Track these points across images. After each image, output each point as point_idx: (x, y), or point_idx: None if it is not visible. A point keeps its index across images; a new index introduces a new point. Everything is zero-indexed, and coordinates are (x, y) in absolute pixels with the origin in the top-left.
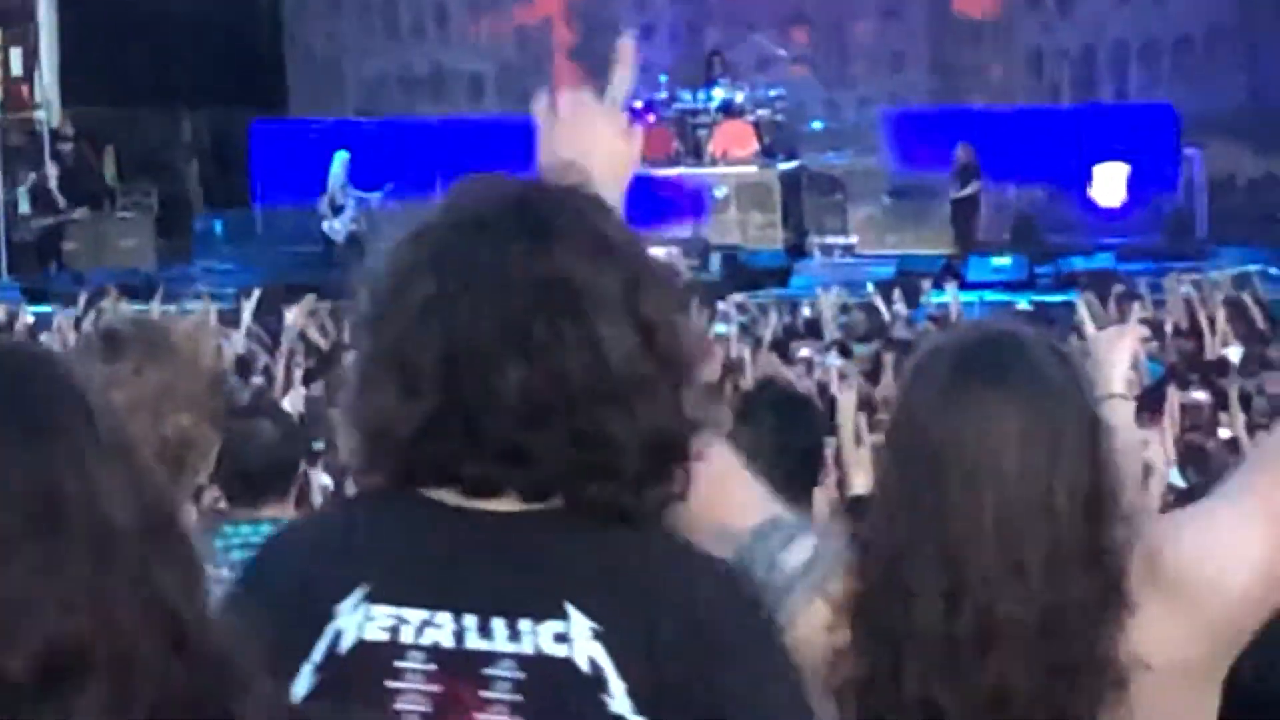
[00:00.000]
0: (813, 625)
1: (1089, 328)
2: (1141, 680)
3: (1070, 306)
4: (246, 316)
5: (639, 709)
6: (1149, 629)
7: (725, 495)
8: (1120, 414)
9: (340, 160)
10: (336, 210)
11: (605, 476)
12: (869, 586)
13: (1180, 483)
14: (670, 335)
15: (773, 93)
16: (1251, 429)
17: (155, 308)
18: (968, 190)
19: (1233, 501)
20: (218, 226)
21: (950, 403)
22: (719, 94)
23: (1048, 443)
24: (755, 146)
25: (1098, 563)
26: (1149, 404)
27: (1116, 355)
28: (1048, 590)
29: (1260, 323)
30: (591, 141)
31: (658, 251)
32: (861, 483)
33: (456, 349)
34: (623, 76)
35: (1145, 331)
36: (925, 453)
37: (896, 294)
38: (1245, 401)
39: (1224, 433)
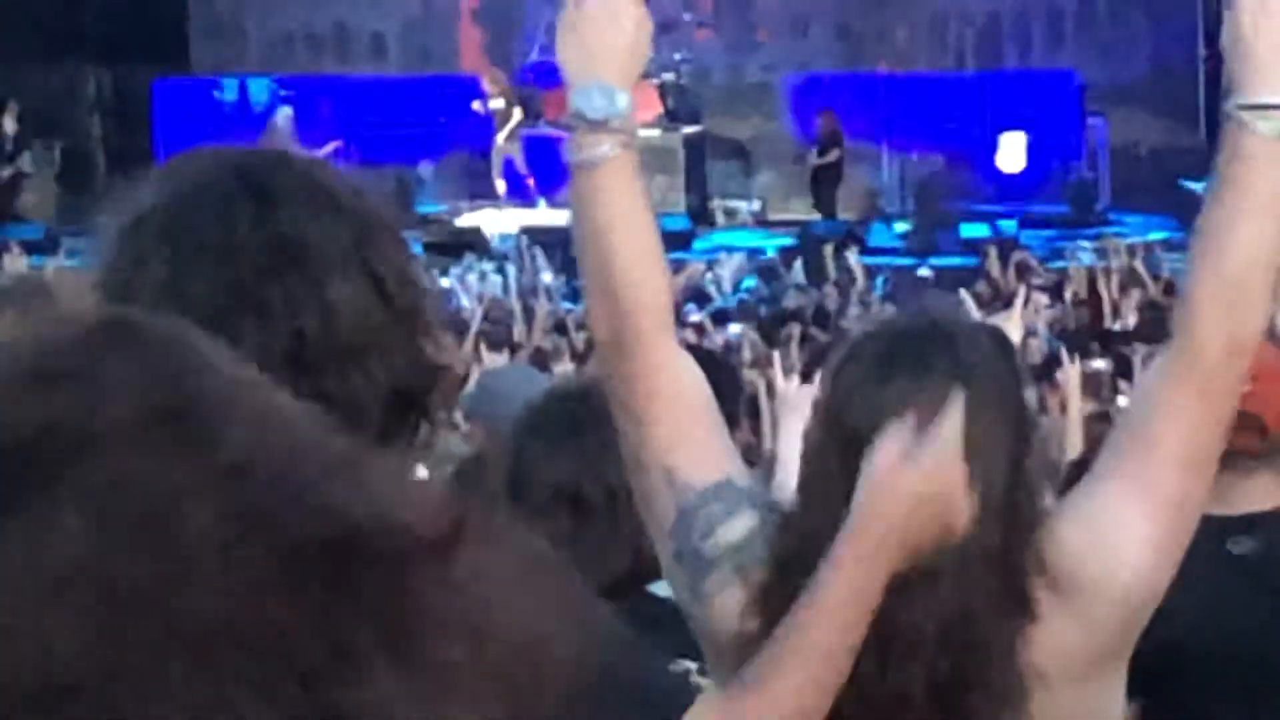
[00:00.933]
0: (727, 609)
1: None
2: (1041, 689)
3: (968, 272)
4: None
5: None
6: (1044, 635)
7: (686, 438)
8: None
9: (285, 116)
10: None
11: (348, 434)
12: (777, 578)
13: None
14: (401, 284)
15: (676, 56)
16: None
17: (54, 264)
18: (829, 158)
19: (1104, 488)
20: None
21: (872, 392)
22: None
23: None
24: (659, 110)
25: (1007, 568)
26: (1046, 374)
27: None
28: (955, 597)
29: (1158, 293)
30: (616, 34)
31: (563, 214)
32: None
33: (194, 319)
34: None
35: (1044, 300)
36: (844, 441)
37: (797, 262)
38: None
39: (1123, 400)
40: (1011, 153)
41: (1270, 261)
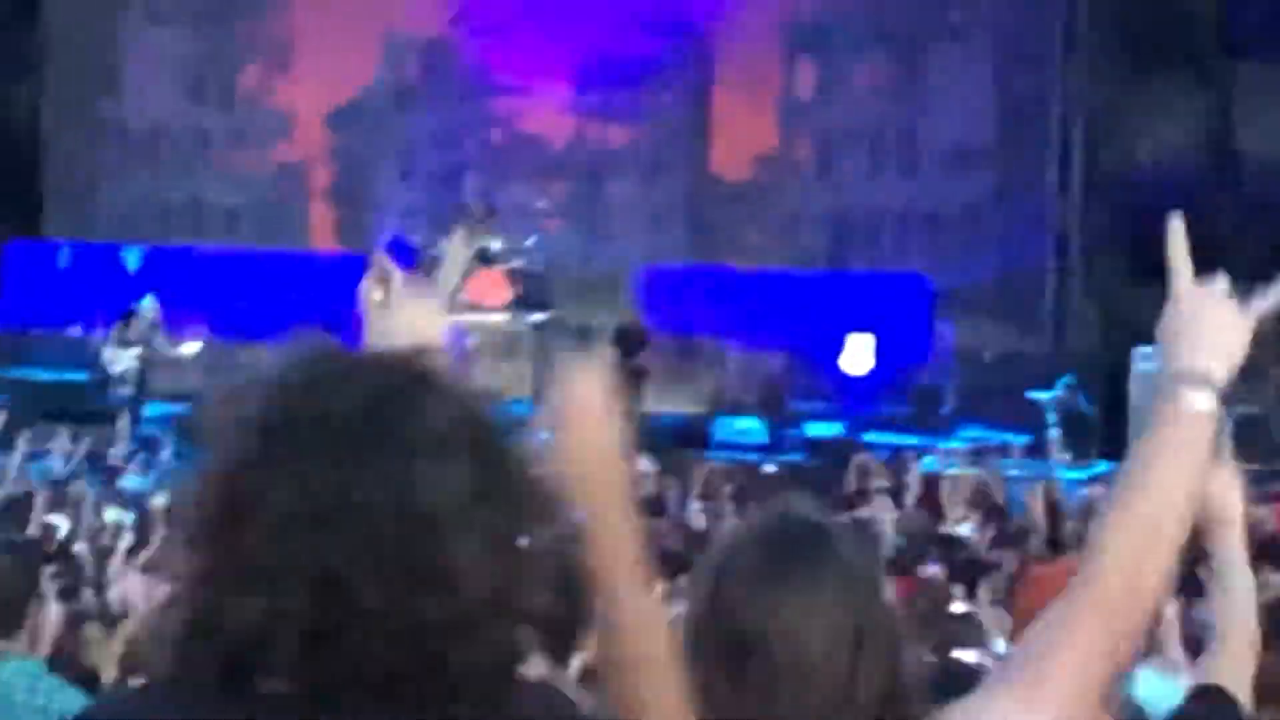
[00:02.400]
0: None
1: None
2: None
3: (812, 470)
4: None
5: None
6: None
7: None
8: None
9: (153, 308)
10: (123, 344)
11: (462, 699)
12: None
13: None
14: (526, 558)
15: (528, 243)
16: (993, 604)
17: None
18: (637, 359)
19: (994, 702)
20: None
21: (760, 594)
22: (476, 242)
23: (854, 636)
24: (509, 296)
25: None
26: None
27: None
28: None
29: (999, 499)
30: (421, 329)
31: None
32: None
33: (325, 571)
34: (452, 272)
35: (887, 502)
36: (729, 641)
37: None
38: (981, 576)
39: (957, 607)
40: (858, 354)
41: (1181, 516)
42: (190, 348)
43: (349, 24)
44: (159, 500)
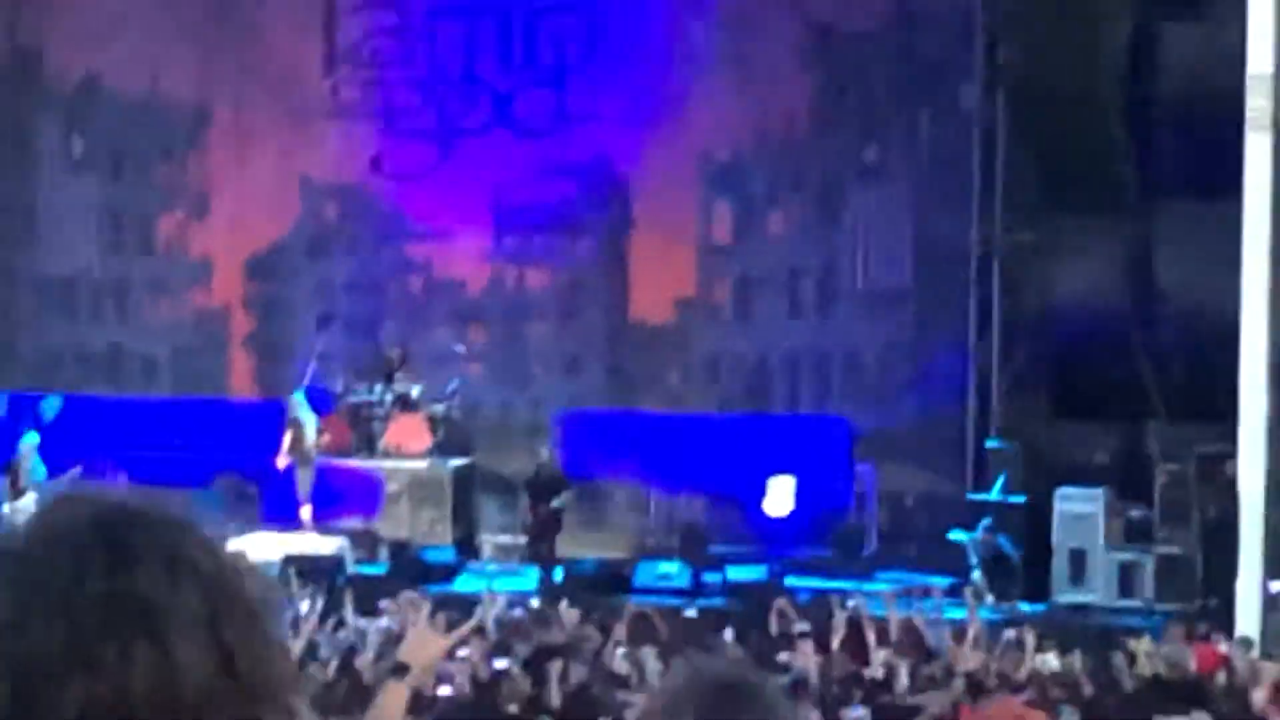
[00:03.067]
0: None
1: None
2: None
3: (734, 615)
4: None
5: None
6: None
7: None
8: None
9: (31, 445)
10: (18, 493)
11: None
12: None
13: None
14: (253, 659)
15: (448, 388)
16: None
17: None
18: (555, 503)
19: None
20: None
21: None
22: (395, 388)
23: None
24: (428, 441)
25: None
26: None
27: None
28: None
29: (923, 641)
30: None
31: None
32: None
33: (25, 668)
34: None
35: (810, 646)
36: None
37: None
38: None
39: None
40: (779, 496)
41: None
42: (72, 473)
43: (266, 171)
44: None
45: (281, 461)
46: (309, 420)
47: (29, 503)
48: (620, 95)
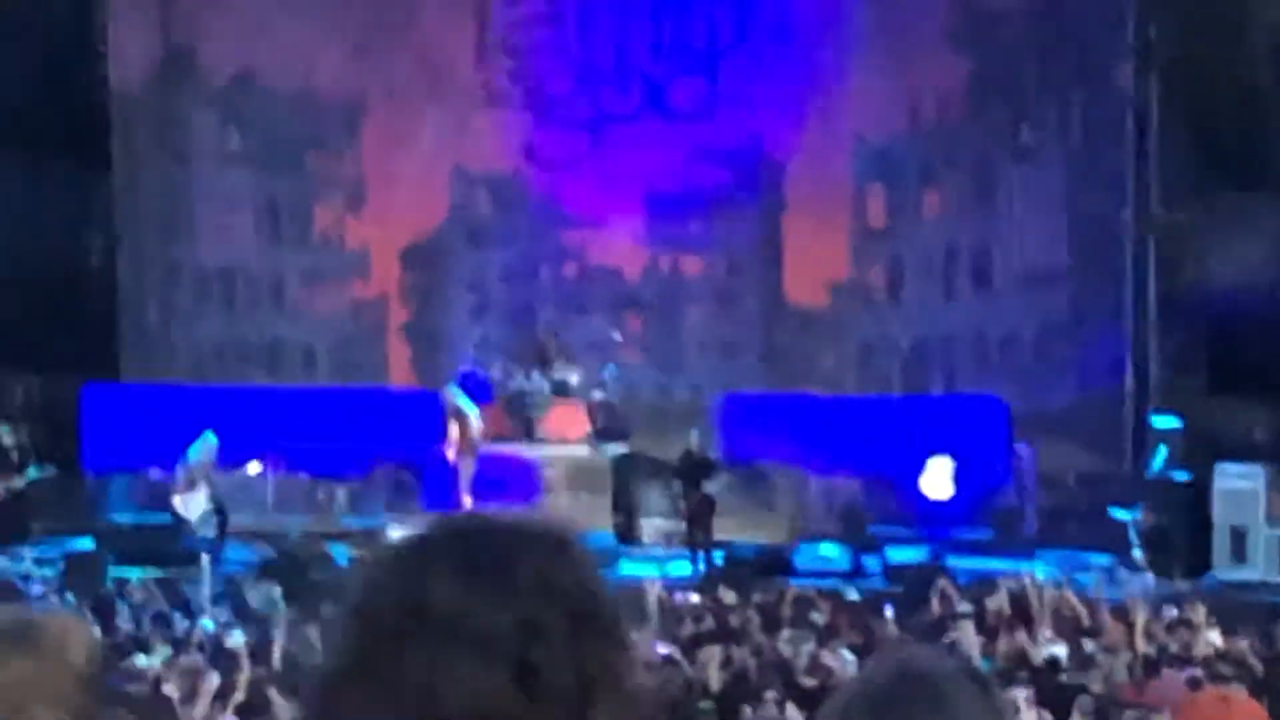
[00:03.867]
0: None
1: None
2: None
3: (895, 596)
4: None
5: None
6: None
7: None
8: None
9: (211, 445)
10: (191, 485)
11: None
12: None
13: None
14: (612, 675)
15: (605, 375)
16: None
17: None
18: (709, 487)
19: None
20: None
21: None
22: (553, 375)
23: None
24: (587, 428)
25: None
26: None
27: None
28: None
29: (1085, 621)
30: None
31: None
32: None
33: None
34: None
35: (971, 627)
36: None
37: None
38: (1071, 699)
39: None
40: (938, 478)
41: None
42: (251, 468)
43: (421, 161)
44: (239, 641)
45: (451, 453)
46: (470, 411)
47: (201, 498)
48: (772, 79)
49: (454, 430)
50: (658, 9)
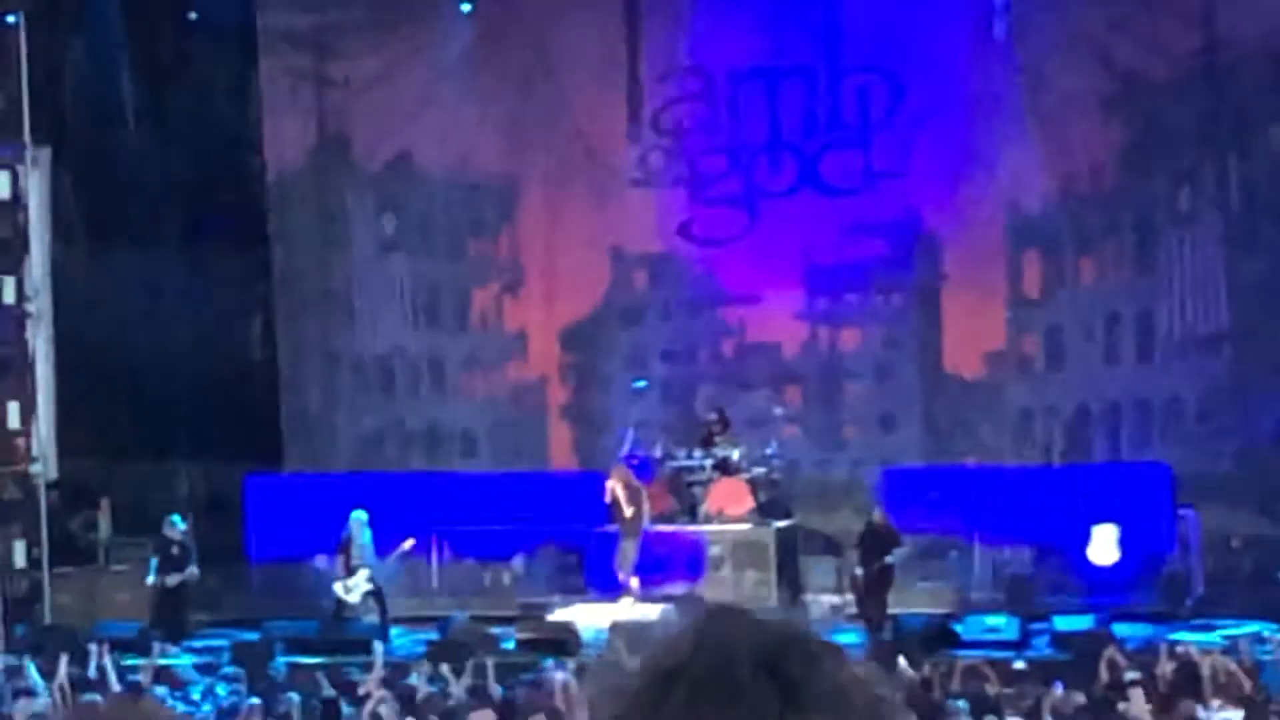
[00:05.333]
0: None
1: None
2: None
3: (1064, 665)
4: None
5: None
6: None
7: None
8: None
9: (359, 522)
10: (351, 571)
11: None
12: None
13: None
14: None
15: (767, 451)
16: None
17: (146, 663)
18: (888, 559)
19: None
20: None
21: None
22: (714, 452)
23: None
24: (750, 504)
25: None
26: None
27: None
28: None
29: (1249, 689)
30: None
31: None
32: None
33: None
34: None
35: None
36: None
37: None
38: None
39: None
40: (1104, 545)
41: None
42: (405, 544)
43: (577, 241)
44: None
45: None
46: (639, 489)
47: (362, 581)
48: (925, 151)
49: (624, 508)
50: (810, 84)
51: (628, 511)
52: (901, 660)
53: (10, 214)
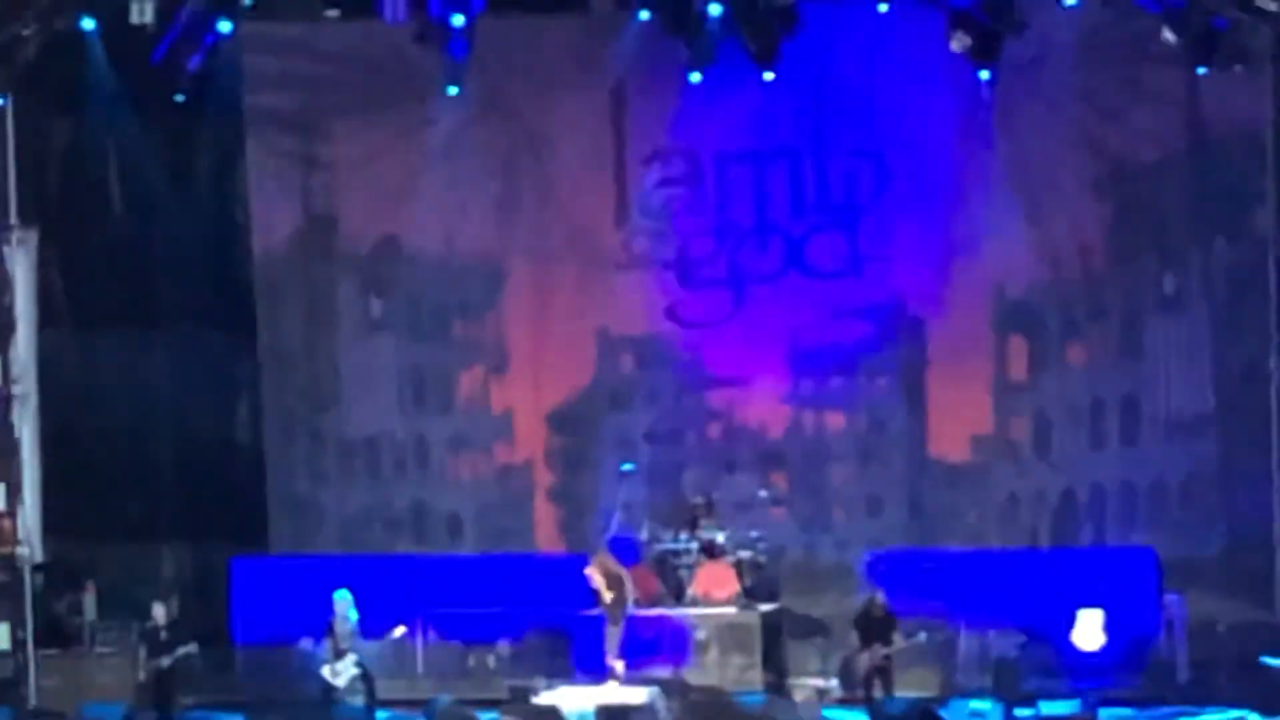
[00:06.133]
0: None
1: None
2: None
3: None
4: None
5: None
6: None
7: None
8: None
9: (345, 601)
10: (339, 654)
11: None
12: None
13: None
14: None
15: (753, 534)
16: None
17: None
18: (895, 647)
19: None
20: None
21: None
22: (700, 535)
23: None
24: (736, 588)
25: None
26: None
27: None
28: None
29: None
30: None
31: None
32: None
33: None
34: None
35: None
36: None
37: None
38: None
39: None
40: (1089, 630)
41: None
42: (397, 632)
43: (564, 323)
44: None
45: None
46: (619, 573)
47: (349, 664)
48: (911, 234)
49: (603, 593)
50: (796, 167)
51: (608, 597)
52: None
53: None
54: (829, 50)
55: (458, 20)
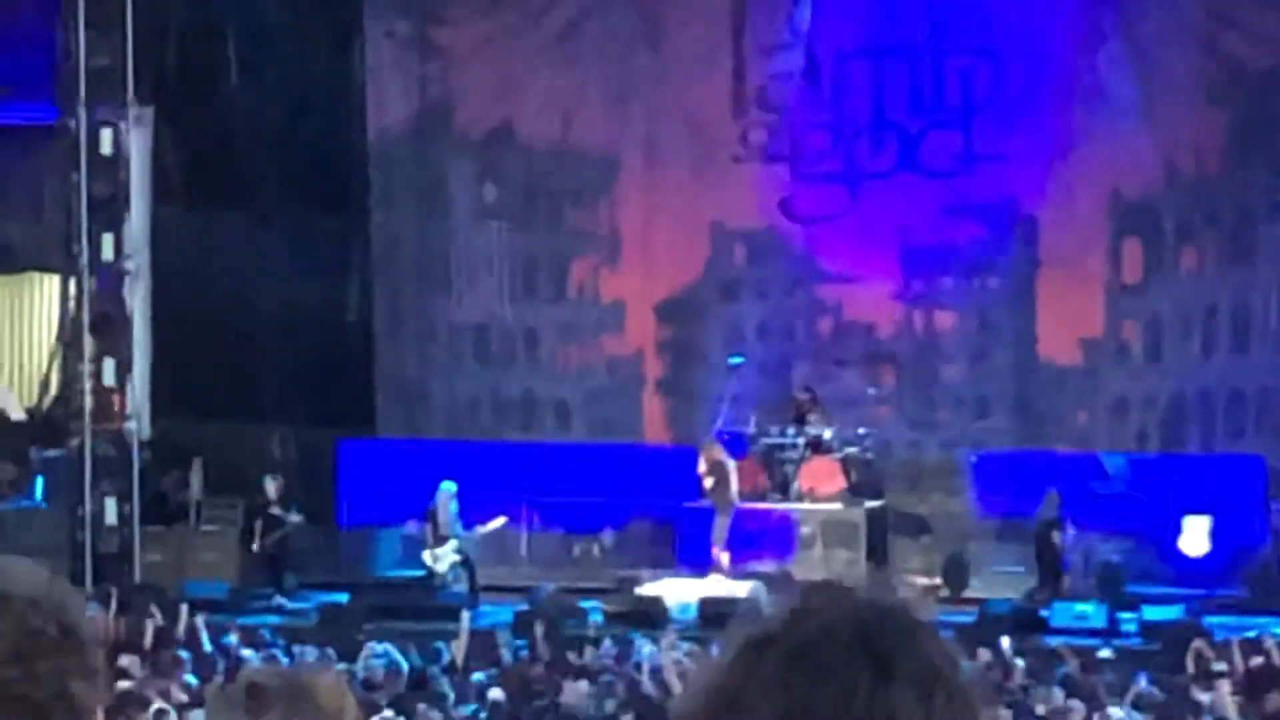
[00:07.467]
0: None
1: None
2: None
3: (1150, 655)
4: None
5: None
6: None
7: None
8: None
9: (449, 492)
10: (439, 540)
11: None
12: None
13: None
14: None
15: (860, 431)
16: None
17: (235, 625)
18: (1056, 540)
19: None
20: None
21: None
22: (807, 430)
23: None
24: (842, 484)
25: None
26: None
27: None
28: None
29: None
30: None
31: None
32: None
33: None
34: None
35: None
36: None
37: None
38: None
39: None
40: (1196, 536)
41: None
42: (495, 523)
43: (677, 216)
44: (500, 695)
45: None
46: (727, 465)
47: (449, 550)
48: (1027, 134)
49: (710, 484)
50: (914, 64)
51: (710, 484)
52: (1005, 641)
53: (111, 171)
54: None
55: None
